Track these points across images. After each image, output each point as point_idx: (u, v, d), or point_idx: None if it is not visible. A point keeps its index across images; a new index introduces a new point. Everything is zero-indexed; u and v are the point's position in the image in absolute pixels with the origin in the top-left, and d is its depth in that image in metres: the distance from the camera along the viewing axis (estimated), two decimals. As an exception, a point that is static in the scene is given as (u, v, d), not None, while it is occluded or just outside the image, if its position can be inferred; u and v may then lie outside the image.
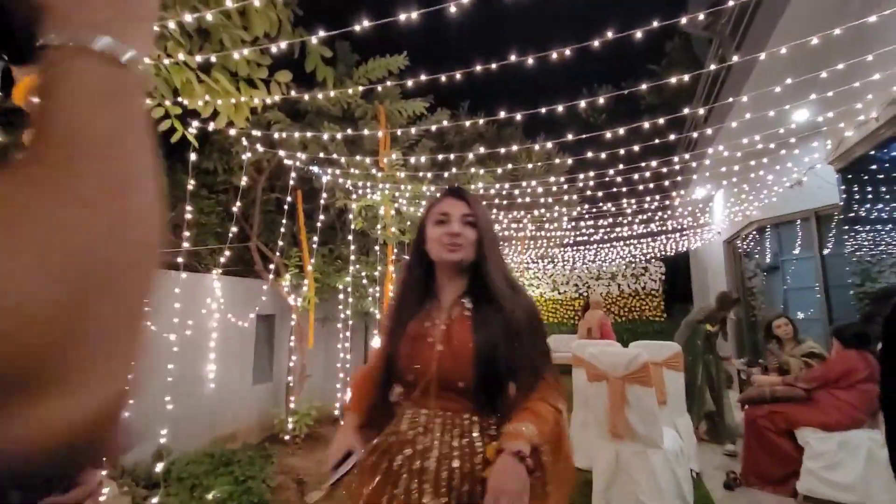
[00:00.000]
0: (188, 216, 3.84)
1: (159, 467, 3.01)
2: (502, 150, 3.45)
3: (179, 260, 3.73)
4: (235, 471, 3.06)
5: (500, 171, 4.24)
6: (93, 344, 0.27)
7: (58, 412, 0.25)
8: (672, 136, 3.41)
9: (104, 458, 0.32)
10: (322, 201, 4.98)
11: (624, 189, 4.38)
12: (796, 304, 5.89)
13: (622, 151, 3.16)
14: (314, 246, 5.03)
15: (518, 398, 1.10)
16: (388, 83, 2.93)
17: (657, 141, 3.00)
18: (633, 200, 4.92)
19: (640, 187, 4.26)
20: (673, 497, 2.82)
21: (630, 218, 6.12)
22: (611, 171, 3.67)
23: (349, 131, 3.29)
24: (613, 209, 5.40)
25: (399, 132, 3.65)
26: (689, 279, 10.66)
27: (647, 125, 2.77)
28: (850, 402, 3.13)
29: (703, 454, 3.90)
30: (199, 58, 2.39)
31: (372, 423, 1.22)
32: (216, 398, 4.62)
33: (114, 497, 2.81)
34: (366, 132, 3.62)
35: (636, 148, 3.08)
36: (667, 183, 5.04)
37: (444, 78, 2.31)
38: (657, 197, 5.13)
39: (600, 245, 9.18)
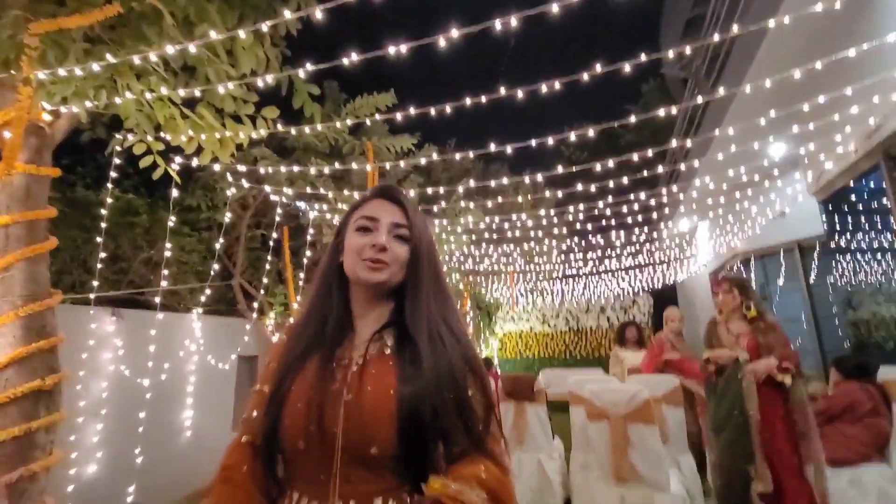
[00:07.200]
0: (167, 254, 3.71)
1: (124, 530, 2.74)
2: (492, 183, 3.43)
3: (157, 300, 3.57)
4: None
5: (489, 204, 4.24)
6: None
7: None
8: (660, 168, 3.46)
9: None
10: (309, 237, 4.90)
11: (613, 221, 4.40)
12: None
13: (611, 183, 3.18)
14: (300, 283, 4.90)
15: (457, 463, 0.79)
16: (378, 116, 2.93)
17: (645, 174, 3.02)
18: (621, 232, 4.93)
19: (629, 220, 4.26)
20: (683, 545, 2.64)
21: (618, 250, 6.14)
22: (600, 203, 3.69)
23: (337, 165, 3.26)
24: (602, 241, 5.42)
25: (388, 166, 3.63)
26: (677, 312, 10.68)
27: (635, 157, 2.80)
28: (856, 436, 3.02)
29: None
30: (182, 92, 2.34)
31: None
32: (193, 448, 4.32)
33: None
34: (354, 165, 3.59)
35: (625, 180, 3.10)
36: (655, 215, 5.11)
37: (432, 111, 2.30)
38: (645, 228, 5.17)
39: (589, 277, 9.21)
